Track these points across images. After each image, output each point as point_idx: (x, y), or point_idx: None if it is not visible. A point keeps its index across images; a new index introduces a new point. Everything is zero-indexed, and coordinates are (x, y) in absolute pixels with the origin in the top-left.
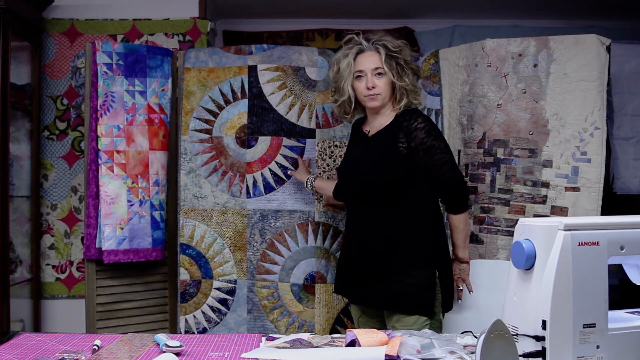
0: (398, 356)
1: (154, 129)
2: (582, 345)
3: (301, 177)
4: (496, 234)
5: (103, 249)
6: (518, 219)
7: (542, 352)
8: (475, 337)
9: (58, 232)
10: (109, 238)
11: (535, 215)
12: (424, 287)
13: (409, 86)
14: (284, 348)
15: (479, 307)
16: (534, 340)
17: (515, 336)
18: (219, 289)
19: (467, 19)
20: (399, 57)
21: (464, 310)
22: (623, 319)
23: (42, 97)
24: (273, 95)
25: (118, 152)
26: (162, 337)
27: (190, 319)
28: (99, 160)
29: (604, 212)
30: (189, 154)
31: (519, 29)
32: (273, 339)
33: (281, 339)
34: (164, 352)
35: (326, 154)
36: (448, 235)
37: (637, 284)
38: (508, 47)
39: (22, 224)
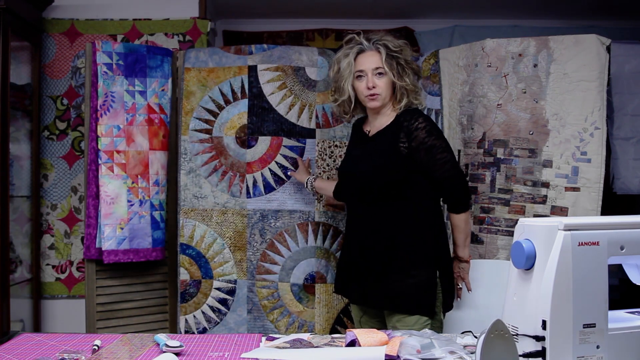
0: (398, 356)
1: (154, 129)
2: (582, 345)
3: (301, 177)
4: (496, 234)
5: (103, 249)
6: (518, 219)
7: (542, 352)
8: (475, 337)
9: (58, 232)
10: (109, 238)
11: (535, 215)
12: (425, 287)
13: (410, 86)
14: (284, 348)
15: (479, 307)
16: (534, 340)
17: (515, 336)
18: (219, 289)
19: (467, 19)
20: (400, 57)
21: (464, 310)
22: (623, 319)
23: (42, 97)
24: (273, 95)
25: (118, 152)
26: (162, 337)
27: (190, 319)
28: (99, 160)
29: (604, 212)
30: (189, 154)
31: (519, 29)
32: (273, 339)
33: (281, 339)
34: (164, 352)
35: (326, 154)
36: (449, 235)
37: (637, 284)
38: (508, 47)
39: (22, 224)
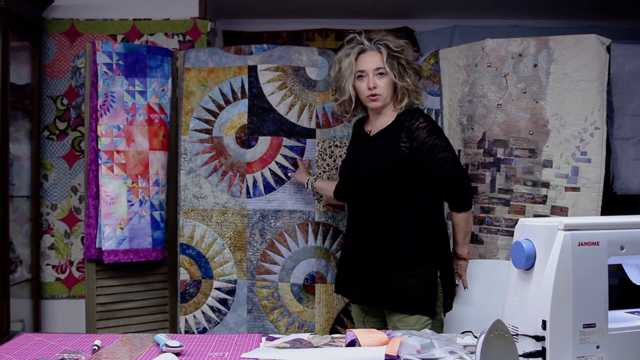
0: (398, 356)
1: (154, 129)
2: (582, 345)
3: (301, 178)
4: (496, 234)
5: (103, 249)
6: (518, 219)
7: (542, 352)
8: (475, 337)
9: (58, 232)
10: (109, 238)
11: (535, 215)
12: (425, 287)
13: (411, 86)
14: (284, 348)
15: (479, 307)
16: (534, 340)
17: (515, 336)
18: (219, 289)
19: (467, 19)
20: (401, 57)
21: (464, 310)
22: (623, 319)
23: (42, 97)
24: (273, 95)
25: (118, 152)
26: (162, 337)
27: (190, 319)
28: (99, 160)
29: (604, 212)
30: (189, 154)
31: (519, 29)
32: (273, 339)
33: (281, 339)
34: (164, 352)
35: (326, 154)
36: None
37: (637, 284)
38: (508, 47)
39: (22, 224)
